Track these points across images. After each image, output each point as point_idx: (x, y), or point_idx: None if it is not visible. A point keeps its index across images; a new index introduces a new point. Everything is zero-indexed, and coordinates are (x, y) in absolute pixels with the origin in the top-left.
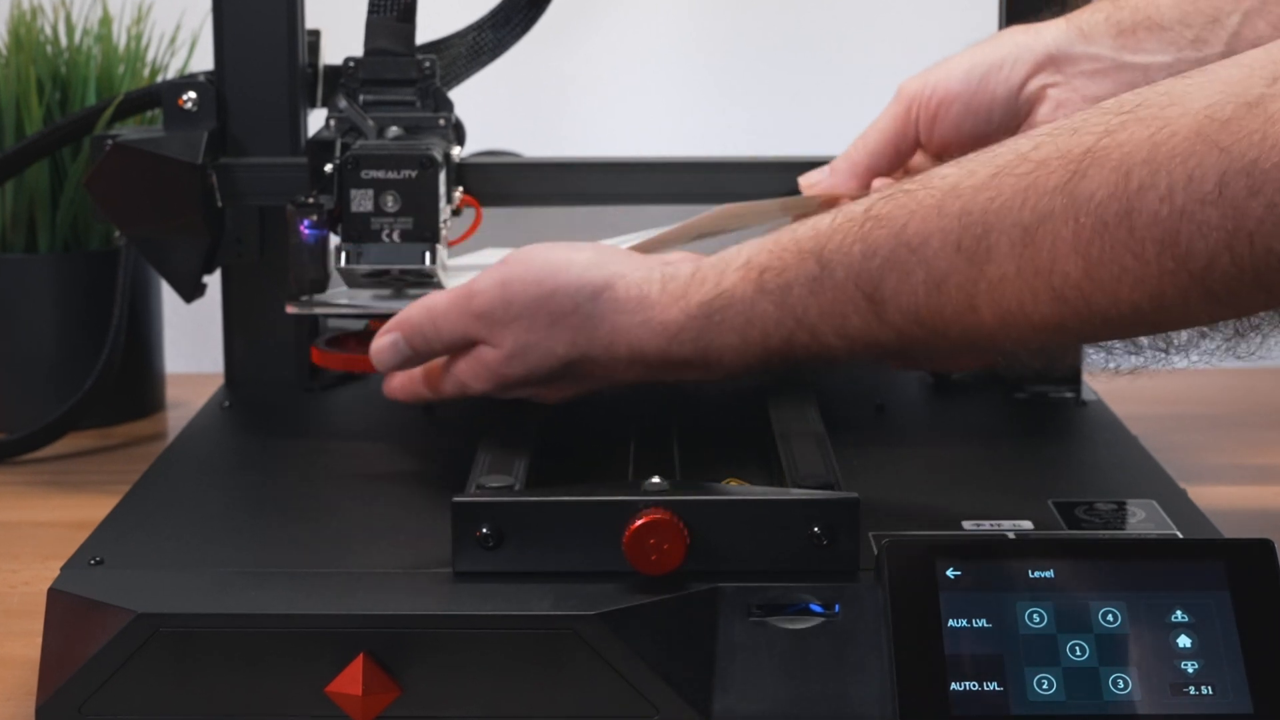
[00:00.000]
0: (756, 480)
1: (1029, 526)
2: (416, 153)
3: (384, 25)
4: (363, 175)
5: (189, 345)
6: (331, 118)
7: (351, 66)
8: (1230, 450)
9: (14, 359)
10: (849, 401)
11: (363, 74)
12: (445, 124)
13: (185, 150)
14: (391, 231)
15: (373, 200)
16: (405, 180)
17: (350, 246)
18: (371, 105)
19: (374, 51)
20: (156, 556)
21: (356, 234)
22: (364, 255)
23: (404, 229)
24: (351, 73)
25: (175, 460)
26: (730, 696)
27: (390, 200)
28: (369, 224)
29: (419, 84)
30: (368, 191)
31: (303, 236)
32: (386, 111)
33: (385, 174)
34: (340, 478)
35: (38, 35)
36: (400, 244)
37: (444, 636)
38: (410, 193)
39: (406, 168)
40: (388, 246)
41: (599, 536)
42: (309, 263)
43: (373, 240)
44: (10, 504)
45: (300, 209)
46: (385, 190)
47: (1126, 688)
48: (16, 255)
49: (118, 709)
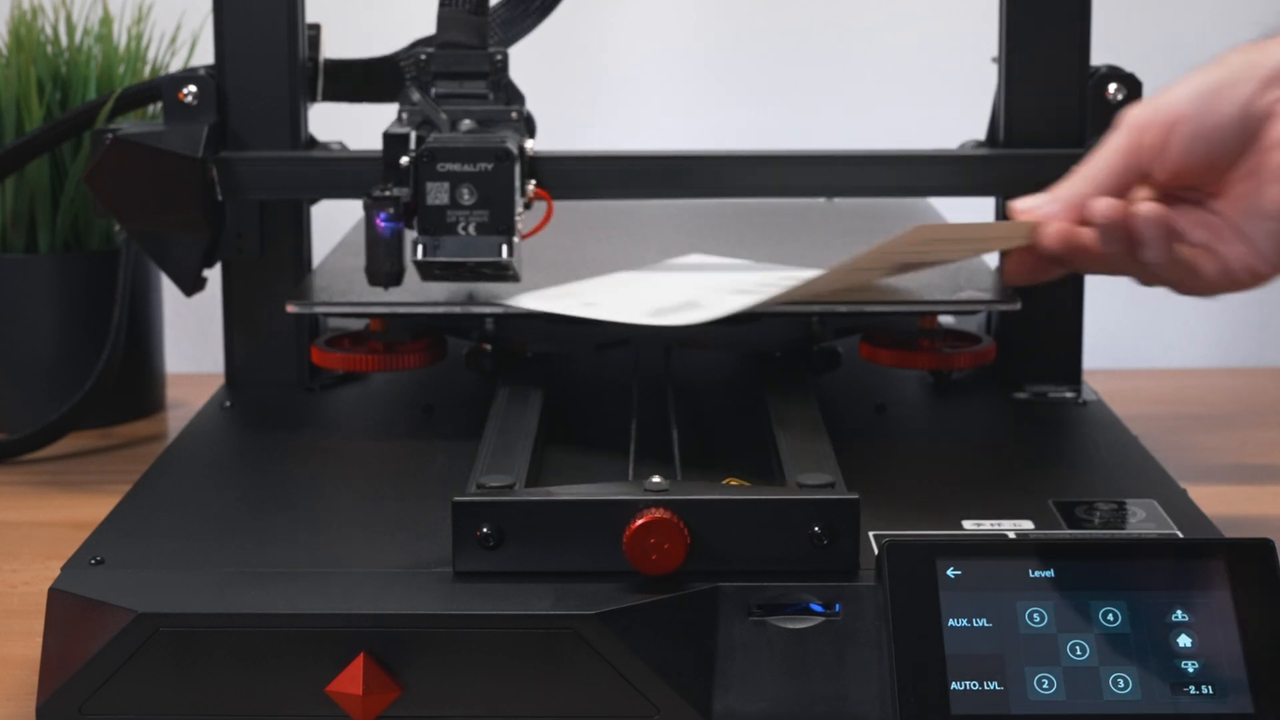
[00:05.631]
0: (756, 480)
1: (1029, 526)
2: (493, 145)
3: (456, 18)
4: (439, 168)
5: (189, 345)
6: (403, 110)
7: (423, 59)
8: (1230, 450)
9: (14, 359)
10: (849, 401)
11: (435, 67)
12: (517, 117)
13: (185, 144)
14: (467, 224)
15: (449, 193)
16: (481, 173)
17: (427, 239)
18: (443, 98)
19: (446, 44)
20: (157, 556)
21: (432, 227)
22: (440, 248)
23: (479, 222)
24: (423, 65)
25: (175, 460)
26: (730, 696)
27: (466, 193)
28: (444, 217)
29: (490, 77)
30: (443, 184)
31: (379, 230)
32: (458, 104)
33: (461, 167)
34: (340, 477)
35: (38, 35)
36: (476, 237)
37: (444, 636)
38: (486, 185)
39: (483, 160)
40: (464, 239)
41: (599, 536)
42: (385, 256)
43: (448, 233)
44: (10, 504)
45: (377, 202)
46: (461, 183)
47: (1127, 687)
48: (16, 255)
49: (118, 709)
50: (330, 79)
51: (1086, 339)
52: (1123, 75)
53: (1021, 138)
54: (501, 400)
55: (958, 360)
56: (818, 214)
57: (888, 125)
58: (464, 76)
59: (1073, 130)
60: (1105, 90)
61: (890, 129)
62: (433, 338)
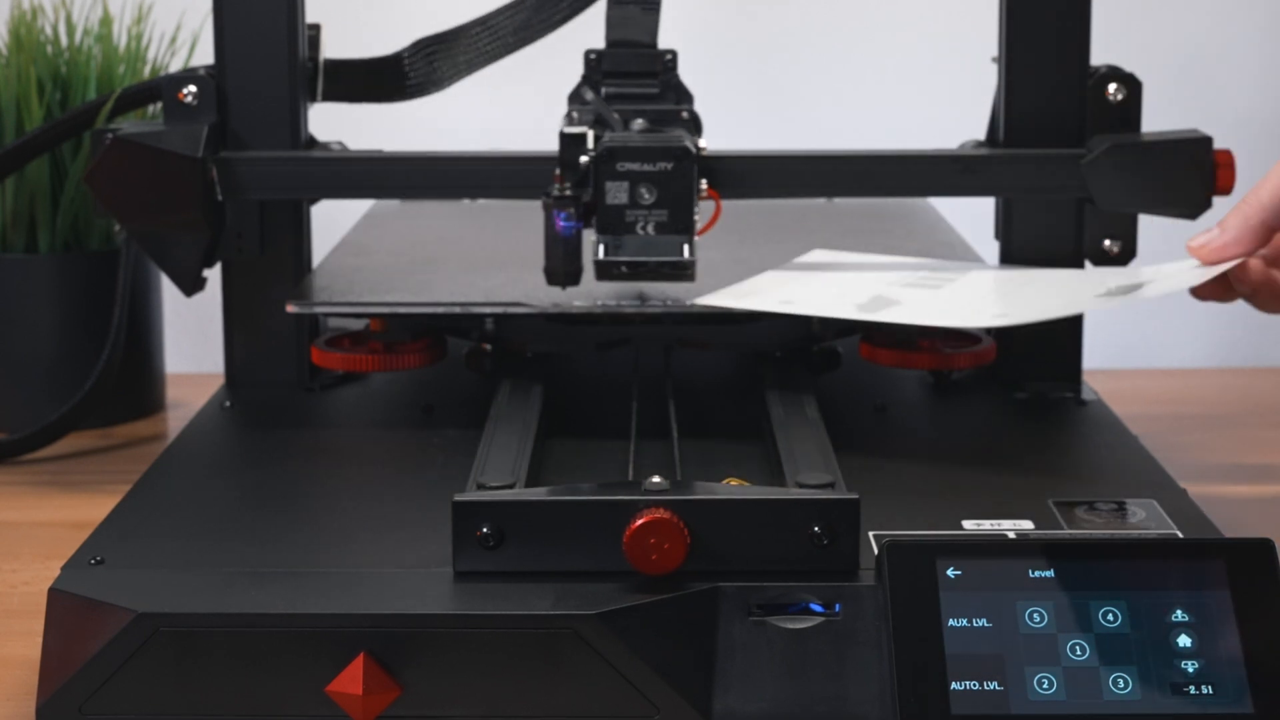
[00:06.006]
0: (756, 480)
1: (1029, 526)
2: (673, 145)
3: (627, 17)
4: (618, 168)
5: (189, 345)
6: (573, 110)
7: (593, 58)
8: (1230, 450)
9: (14, 359)
10: (849, 401)
11: (605, 66)
12: (688, 116)
13: (185, 144)
14: (646, 224)
15: (628, 192)
16: (661, 172)
17: (609, 239)
18: (614, 98)
19: (616, 43)
20: (157, 556)
21: (610, 226)
22: (622, 247)
23: (658, 221)
24: (594, 64)
25: (175, 460)
26: (730, 696)
27: (645, 192)
28: (623, 216)
29: (661, 76)
30: (623, 184)
31: (558, 229)
32: (629, 104)
33: (641, 166)
34: (341, 477)
35: (38, 35)
36: (656, 236)
37: (444, 636)
38: (666, 185)
39: (662, 160)
40: (644, 239)
41: (599, 536)
42: (564, 256)
43: (626, 232)
44: (10, 504)
45: (557, 202)
46: (640, 183)
47: (1127, 687)
48: (16, 255)
49: (118, 709)
50: (330, 79)
51: (1086, 339)
52: (1123, 75)
53: (1021, 138)
54: (501, 400)
55: (958, 360)
56: (818, 214)
57: (888, 125)
58: (634, 76)
59: (1073, 130)
60: (1105, 90)
61: (890, 129)
62: (433, 338)
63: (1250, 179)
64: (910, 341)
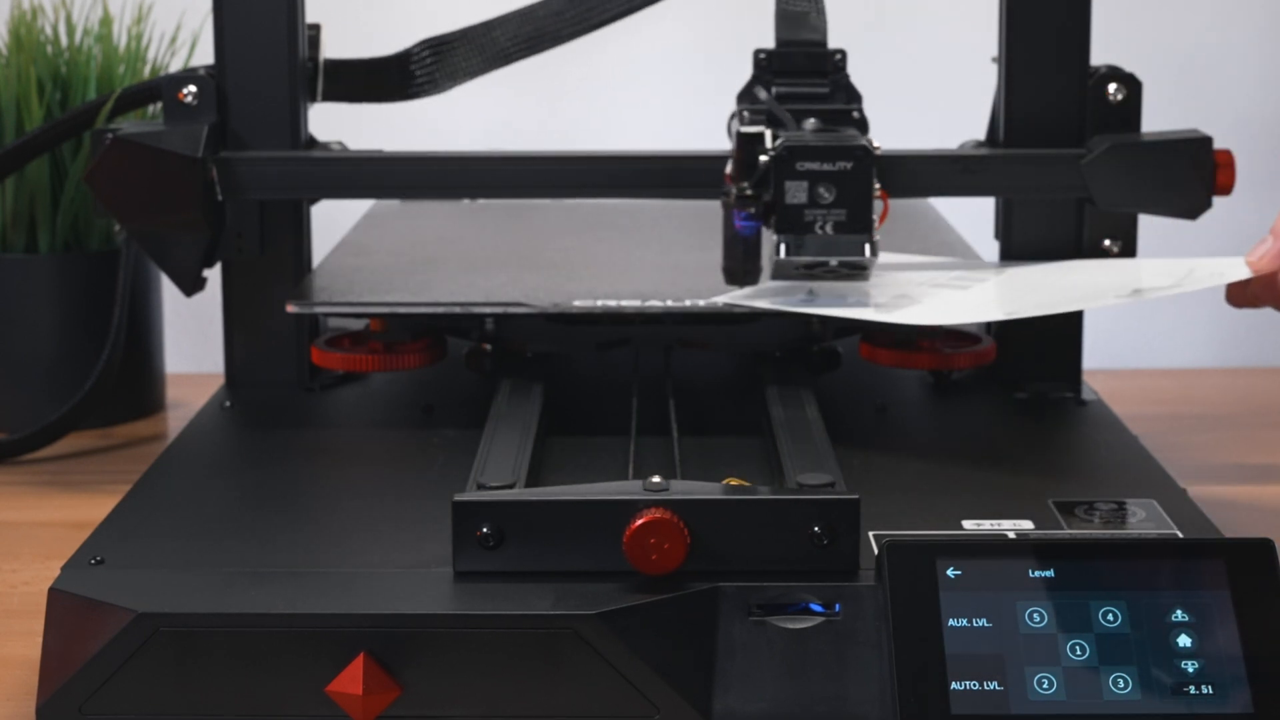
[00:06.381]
0: (756, 480)
1: (1029, 526)
2: (853, 144)
3: (797, 17)
4: (798, 167)
5: (189, 345)
6: (743, 109)
7: (763, 58)
8: (1230, 450)
9: (14, 359)
10: (849, 401)
11: (776, 65)
12: (859, 116)
13: (185, 144)
14: (825, 223)
15: (807, 192)
16: (841, 172)
17: (790, 238)
18: (784, 97)
19: (786, 43)
20: (157, 556)
21: (789, 225)
22: (804, 247)
23: (837, 220)
24: (763, 64)
25: (175, 460)
26: (730, 696)
27: (825, 192)
28: (802, 215)
29: (831, 76)
30: (802, 183)
31: (738, 229)
32: (799, 103)
33: (820, 165)
34: (340, 477)
35: (38, 35)
36: (837, 236)
37: (444, 636)
38: (845, 184)
39: (842, 159)
40: (825, 238)
41: (599, 536)
42: (744, 255)
43: (805, 232)
44: (10, 504)
45: (738, 201)
46: (820, 182)
47: (1127, 687)
48: (16, 255)
49: (118, 709)
50: (330, 79)
51: (1086, 339)
52: (1122, 75)
53: (1021, 138)
54: (501, 400)
55: (958, 360)
56: None
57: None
58: (805, 75)
59: (1073, 130)
60: (1105, 90)
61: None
62: (433, 338)
63: (1250, 179)
64: (910, 341)
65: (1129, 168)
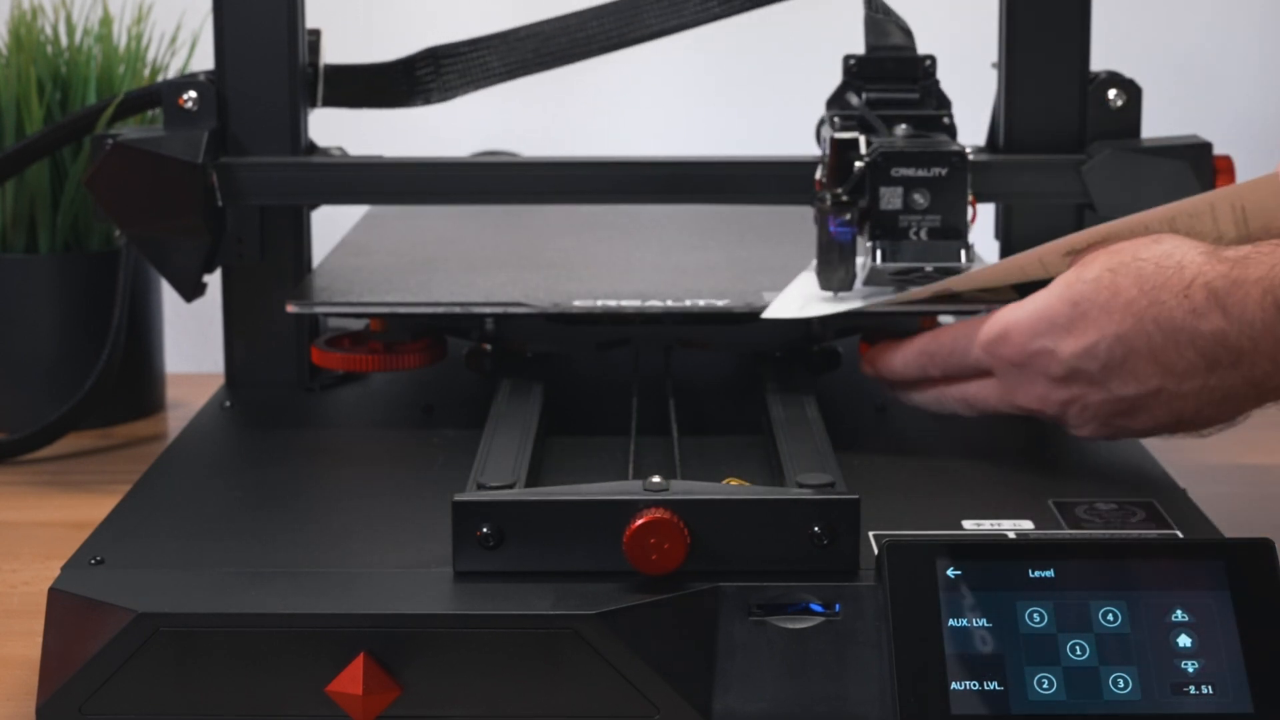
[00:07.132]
0: (756, 480)
1: (1029, 526)
2: (948, 150)
3: (887, 23)
4: (893, 173)
5: (189, 345)
6: (834, 115)
7: (853, 64)
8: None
9: (14, 359)
10: (849, 401)
11: (866, 71)
12: (949, 122)
13: (185, 150)
14: (919, 229)
15: (901, 198)
16: (935, 178)
17: (885, 244)
18: (875, 103)
19: (876, 49)
20: (156, 556)
21: (884, 231)
22: (900, 253)
23: (931, 226)
24: (853, 70)
25: (175, 460)
26: (730, 696)
27: (919, 198)
28: (896, 221)
29: (921, 82)
30: (897, 189)
31: (833, 235)
32: (890, 109)
33: (915, 171)
34: (340, 477)
35: (38, 35)
36: (931, 241)
37: (444, 636)
38: (940, 190)
39: (937, 165)
40: (920, 244)
41: (599, 536)
42: (839, 261)
43: (899, 238)
44: (10, 504)
45: (834, 208)
46: (915, 188)
47: (1127, 687)
48: (16, 255)
49: (118, 709)
50: (330, 85)
51: None
52: (1123, 81)
53: (1021, 143)
54: (501, 400)
55: None
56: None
57: None
58: (895, 81)
59: (1073, 136)
60: (1105, 96)
61: None
62: (433, 338)
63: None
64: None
65: (1129, 174)
